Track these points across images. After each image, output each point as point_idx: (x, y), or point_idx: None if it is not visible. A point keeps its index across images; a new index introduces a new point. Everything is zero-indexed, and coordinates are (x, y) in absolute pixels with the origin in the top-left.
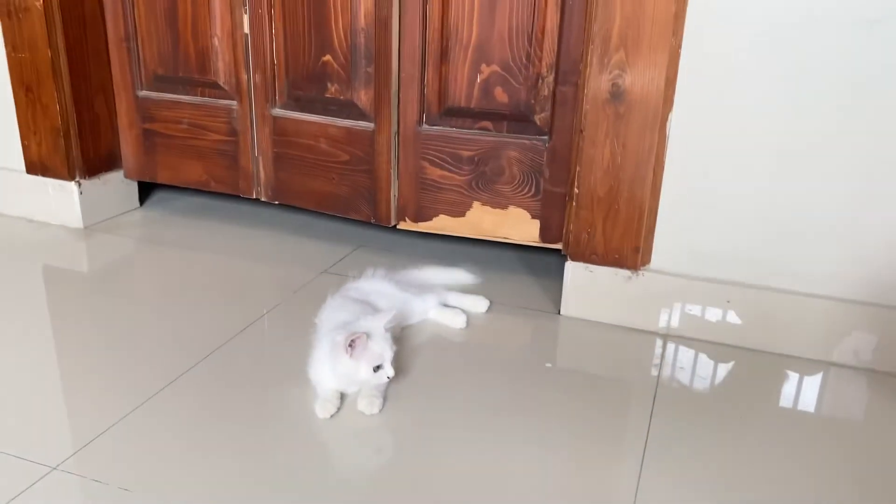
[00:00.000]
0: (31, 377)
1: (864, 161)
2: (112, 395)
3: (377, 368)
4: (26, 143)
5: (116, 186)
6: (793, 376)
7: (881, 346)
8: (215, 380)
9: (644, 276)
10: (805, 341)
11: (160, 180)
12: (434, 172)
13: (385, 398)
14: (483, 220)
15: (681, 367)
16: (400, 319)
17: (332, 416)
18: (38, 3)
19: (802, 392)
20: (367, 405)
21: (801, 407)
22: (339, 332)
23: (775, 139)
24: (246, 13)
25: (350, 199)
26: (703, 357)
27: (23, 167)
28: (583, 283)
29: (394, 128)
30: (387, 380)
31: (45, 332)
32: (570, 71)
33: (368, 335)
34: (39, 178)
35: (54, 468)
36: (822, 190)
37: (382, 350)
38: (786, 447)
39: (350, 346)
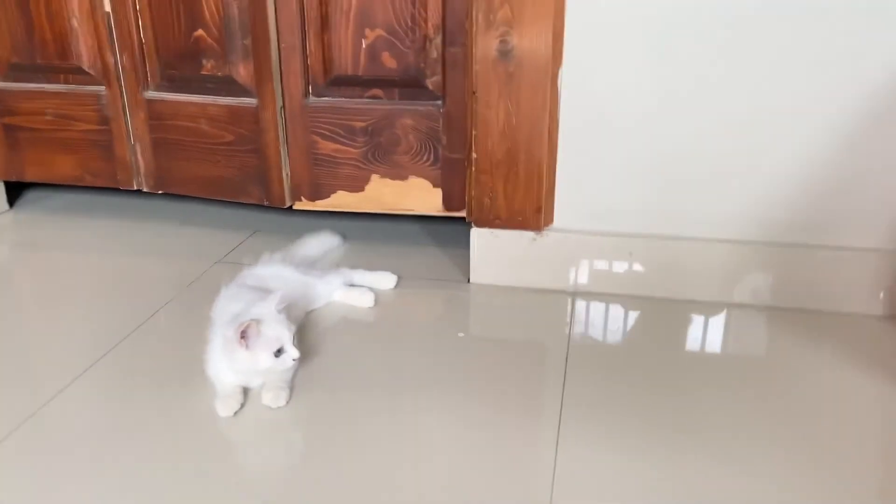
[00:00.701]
0: None
1: (753, 102)
2: None
3: (278, 353)
4: None
5: None
6: (698, 320)
7: (778, 283)
8: (108, 386)
9: (548, 237)
10: (707, 285)
11: (28, 178)
12: (327, 146)
13: (291, 388)
14: (383, 194)
15: (591, 324)
16: (304, 303)
17: (235, 413)
18: None
19: (708, 335)
20: (273, 398)
21: (708, 349)
22: (230, 326)
23: (665, 87)
24: None
25: (239, 181)
26: (611, 310)
27: None
28: (489, 248)
29: (279, 102)
30: (293, 362)
31: None
32: (457, 31)
33: (259, 321)
34: None
35: None
36: (713, 135)
37: (278, 333)
38: (697, 390)
39: (242, 336)
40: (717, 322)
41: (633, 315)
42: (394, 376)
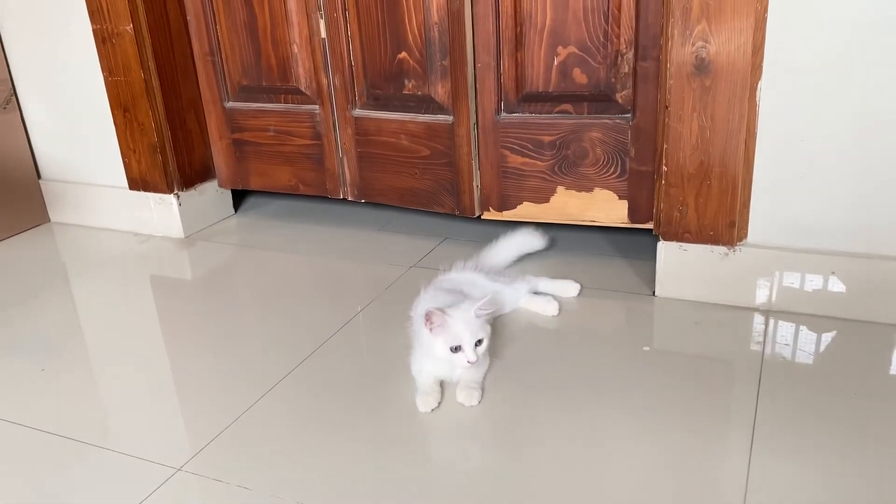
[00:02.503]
0: (149, 382)
1: None
2: (225, 396)
3: (456, 349)
4: (127, 160)
5: (212, 196)
6: None
7: None
8: (321, 377)
9: (741, 252)
10: None
11: (252, 187)
12: (515, 160)
13: (483, 389)
14: (568, 205)
15: (786, 344)
16: (493, 308)
17: (432, 409)
18: (129, 28)
19: None
20: (466, 397)
21: None
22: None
23: (878, 97)
24: (322, 18)
25: (433, 192)
26: (808, 331)
27: (125, 184)
28: (677, 262)
29: (472, 119)
30: (467, 364)
31: (157, 338)
32: (650, 45)
33: (446, 313)
34: (142, 194)
35: (179, 469)
36: None
37: (460, 333)
38: None
39: (427, 320)
40: None
41: (833, 338)
42: (579, 385)
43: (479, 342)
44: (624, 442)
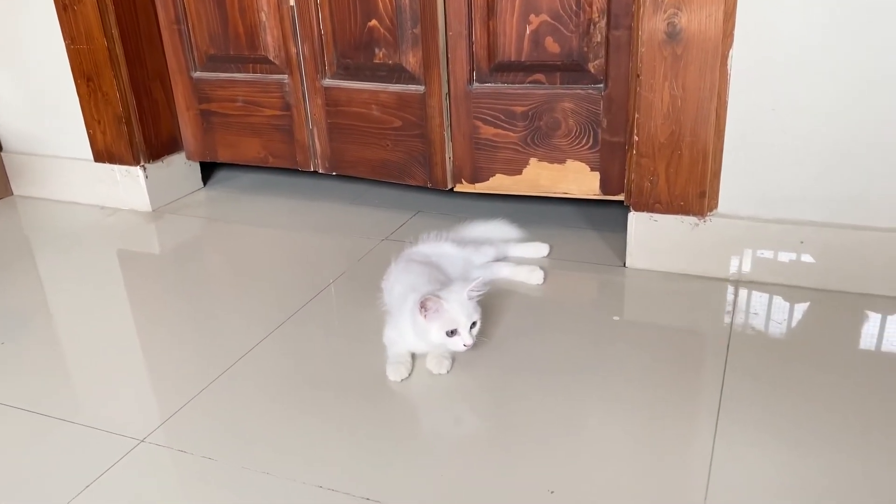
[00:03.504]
0: (114, 355)
1: None
2: (192, 368)
3: (452, 334)
4: (91, 132)
5: (179, 168)
6: (874, 316)
7: None
8: (289, 348)
9: (711, 222)
10: (888, 278)
11: (220, 159)
12: (488, 131)
13: (454, 359)
14: (541, 177)
15: (754, 314)
16: (464, 276)
17: (402, 379)
18: None
19: (886, 331)
20: (436, 365)
21: (884, 346)
22: (420, 294)
23: (847, 67)
24: None
25: (405, 164)
26: (777, 301)
27: (90, 156)
28: (648, 233)
29: (444, 89)
30: (464, 348)
31: (124, 312)
32: (622, 14)
33: (442, 298)
34: (107, 166)
35: (142, 441)
36: None
37: (457, 317)
38: (870, 391)
39: (422, 307)
40: None
41: (802, 307)
42: (548, 356)
43: (473, 324)
44: (591, 413)
